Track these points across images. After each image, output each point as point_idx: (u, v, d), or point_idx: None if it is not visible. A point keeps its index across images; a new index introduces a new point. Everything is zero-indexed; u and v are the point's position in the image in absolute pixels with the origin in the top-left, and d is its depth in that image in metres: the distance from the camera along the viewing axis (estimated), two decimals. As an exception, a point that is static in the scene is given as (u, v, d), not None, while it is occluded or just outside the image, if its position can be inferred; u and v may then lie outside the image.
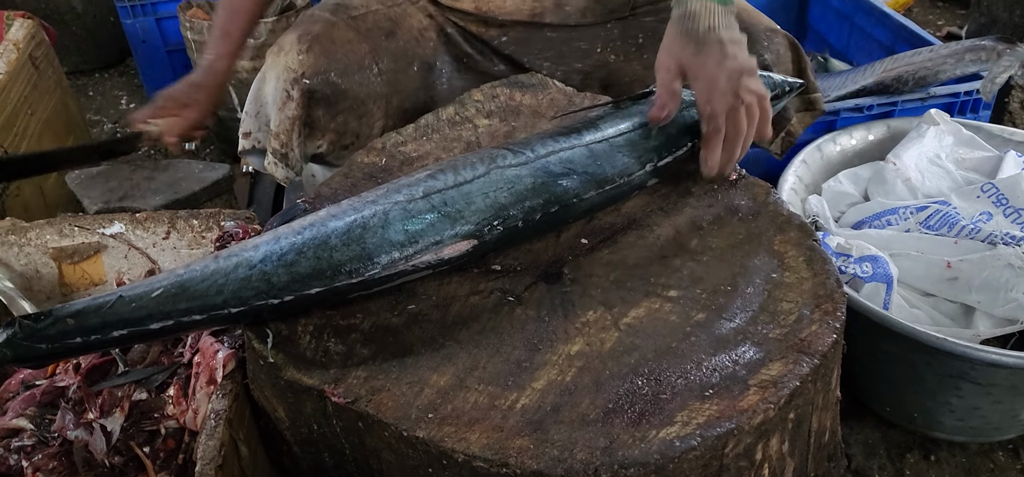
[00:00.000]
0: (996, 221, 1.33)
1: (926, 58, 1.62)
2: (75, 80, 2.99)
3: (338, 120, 1.26)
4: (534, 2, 1.38)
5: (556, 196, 0.94)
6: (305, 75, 1.23)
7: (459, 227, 0.88)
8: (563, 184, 0.94)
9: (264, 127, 1.31)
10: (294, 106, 1.23)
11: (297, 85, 1.23)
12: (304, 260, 0.84)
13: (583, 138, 1.00)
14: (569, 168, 0.96)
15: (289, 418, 0.89)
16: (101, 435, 0.98)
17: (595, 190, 0.96)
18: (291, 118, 1.24)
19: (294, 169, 1.27)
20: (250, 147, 1.34)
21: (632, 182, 1.00)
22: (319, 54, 1.25)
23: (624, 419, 0.76)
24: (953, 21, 3.13)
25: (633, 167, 1.00)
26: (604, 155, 0.99)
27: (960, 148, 1.53)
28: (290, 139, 1.24)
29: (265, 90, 1.29)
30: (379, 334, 0.87)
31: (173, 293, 0.81)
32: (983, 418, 1.30)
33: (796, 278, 0.91)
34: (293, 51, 1.25)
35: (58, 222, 1.27)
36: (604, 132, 1.01)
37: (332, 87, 1.24)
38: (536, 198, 0.93)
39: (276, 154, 1.26)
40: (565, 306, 0.89)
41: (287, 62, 1.24)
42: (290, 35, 1.28)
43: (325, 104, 1.25)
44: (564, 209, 0.94)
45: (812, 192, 1.53)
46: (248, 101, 1.32)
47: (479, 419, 0.77)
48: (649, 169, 1.01)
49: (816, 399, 0.85)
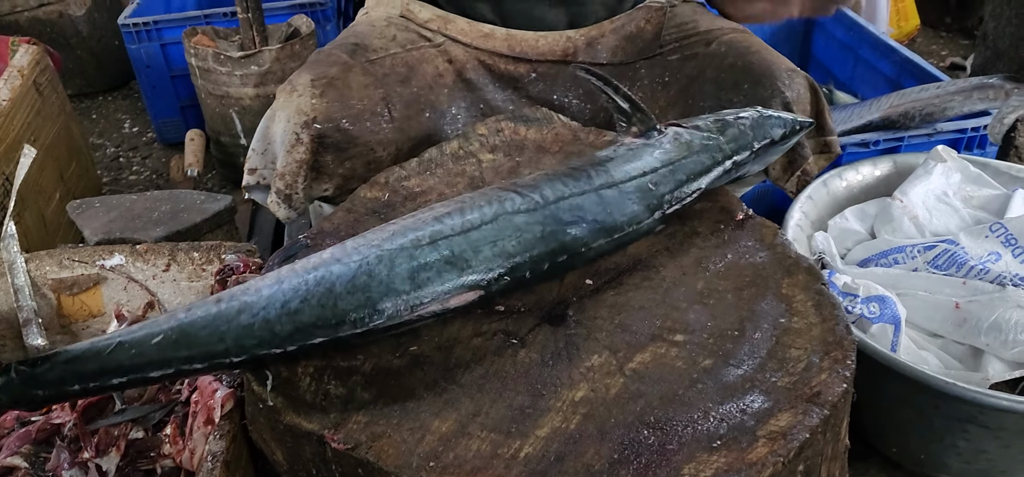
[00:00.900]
0: (1005, 261, 1.31)
1: (933, 94, 1.62)
2: (78, 103, 3.00)
3: (346, 166, 1.25)
4: (567, 42, 1.39)
5: (564, 245, 0.92)
6: (316, 120, 1.22)
7: (466, 277, 0.86)
8: (572, 233, 0.93)
9: (270, 164, 1.29)
10: (303, 150, 1.22)
11: (308, 129, 1.22)
12: (308, 308, 0.82)
13: (594, 182, 0.98)
14: (578, 216, 0.94)
15: (287, 462, 0.87)
16: (96, 474, 0.97)
17: (604, 238, 0.95)
18: (299, 161, 1.23)
19: (297, 210, 1.26)
20: (255, 183, 1.32)
21: (640, 229, 0.99)
22: (332, 100, 1.23)
23: (630, 471, 0.74)
24: (957, 51, 3.13)
25: (642, 215, 0.98)
26: (614, 202, 0.97)
27: (968, 185, 1.52)
28: (296, 182, 1.23)
29: (274, 129, 1.27)
30: (380, 377, 0.86)
31: (173, 339, 0.79)
32: (990, 461, 1.28)
33: (805, 323, 0.90)
34: (307, 95, 1.23)
35: (58, 253, 1.26)
36: (613, 175, 1.00)
37: (342, 133, 1.23)
38: (544, 246, 0.91)
39: (280, 194, 1.25)
40: (569, 350, 0.88)
41: (299, 104, 1.23)
42: (304, 75, 1.26)
43: (334, 150, 1.24)
44: (572, 257, 0.93)
45: (818, 228, 1.52)
46: (256, 138, 1.31)
47: (481, 468, 0.75)
48: (658, 216, 1.00)
49: (825, 450, 0.83)
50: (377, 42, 1.36)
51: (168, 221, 1.50)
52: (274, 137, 1.27)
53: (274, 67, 2.24)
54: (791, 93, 1.28)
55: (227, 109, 2.31)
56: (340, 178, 1.26)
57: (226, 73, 2.25)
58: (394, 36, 1.38)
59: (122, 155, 2.68)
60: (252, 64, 2.24)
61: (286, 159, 1.23)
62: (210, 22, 2.44)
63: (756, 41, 1.38)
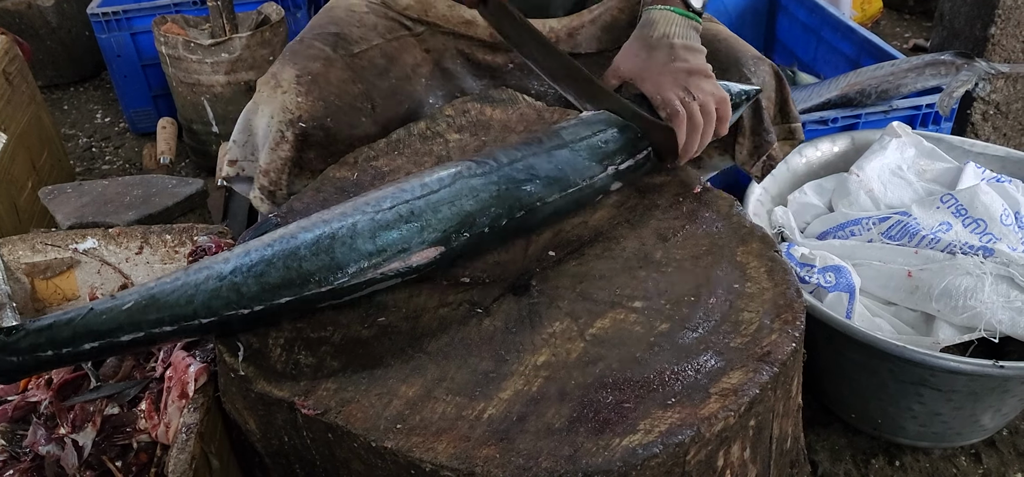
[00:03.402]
0: (955, 231, 1.36)
1: (888, 72, 1.66)
2: (50, 94, 2.99)
3: (328, 162, 1.25)
4: (549, 33, 1.40)
5: (520, 201, 0.97)
6: (302, 119, 1.22)
7: (426, 235, 0.91)
8: (527, 189, 0.97)
9: (251, 157, 1.29)
10: (288, 148, 1.22)
11: (293, 128, 1.22)
12: (274, 270, 0.85)
13: (545, 146, 1.03)
14: (532, 174, 0.99)
15: (260, 430, 0.90)
16: (73, 450, 0.99)
17: (558, 193, 1.00)
18: (283, 159, 1.23)
19: (279, 205, 1.27)
20: (235, 174, 1.31)
21: (594, 185, 1.04)
22: (317, 98, 1.24)
23: (588, 428, 0.77)
24: (920, 33, 3.19)
25: (594, 169, 1.03)
26: (565, 160, 1.02)
27: (921, 160, 1.57)
28: (280, 178, 1.23)
29: (257, 122, 1.27)
30: (349, 346, 0.89)
31: (143, 305, 0.82)
32: (945, 424, 1.33)
33: (757, 288, 0.94)
34: (292, 92, 1.23)
35: (30, 238, 1.27)
36: (564, 138, 1.05)
37: (325, 131, 1.23)
38: (501, 205, 0.95)
39: (264, 191, 1.24)
40: (532, 317, 0.91)
41: (285, 102, 1.23)
42: (289, 70, 1.26)
43: (318, 147, 1.24)
44: (529, 213, 0.98)
45: (778, 203, 1.56)
46: (237, 130, 1.30)
47: (447, 429, 0.78)
48: (611, 172, 1.05)
49: (777, 406, 0.87)
50: (357, 32, 1.35)
51: (140, 205, 1.51)
52: (256, 130, 1.27)
53: (245, 54, 2.25)
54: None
55: (199, 97, 2.31)
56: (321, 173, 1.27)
57: (197, 61, 2.26)
58: (375, 25, 1.37)
59: (95, 145, 2.68)
60: (223, 52, 2.24)
61: (270, 156, 1.23)
62: (180, 10, 2.44)
63: (723, 29, 1.42)
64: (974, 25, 1.98)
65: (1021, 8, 1.89)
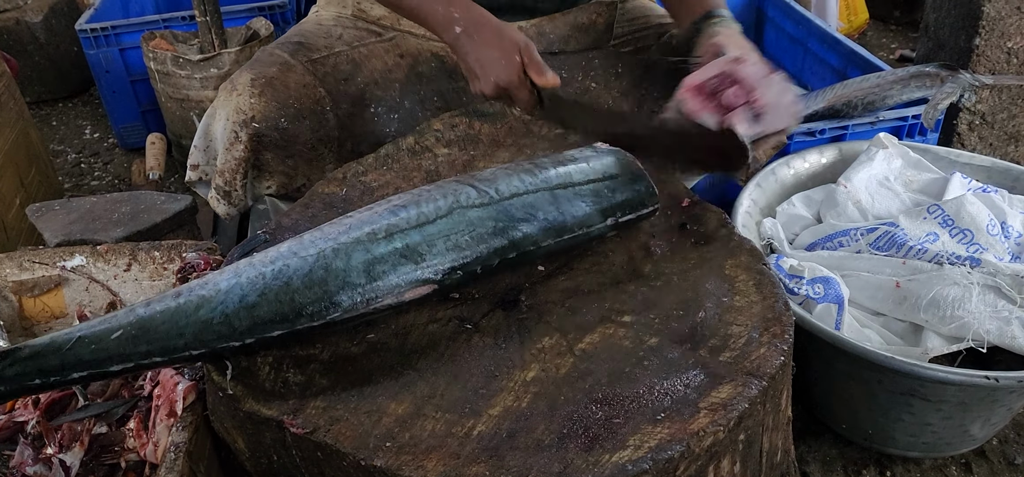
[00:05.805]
0: (942, 241, 1.37)
1: (874, 83, 1.67)
2: (38, 110, 2.98)
3: (288, 163, 1.27)
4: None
5: (514, 243, 0.94)
6: (255, 119, 1.24)
7: (420, 272, 0.89)
8: (523, 230, 0.95)
9: (211, 161, 1.32)
10: (242, 148, 1.24)
11: (246, 128, 1.24)
12: (265, 303, 0.84)
13: (550, 181, 1.00)
14: (530, 214, 0.96)
15: (249, 449, 0.89)
16: (61, 470, 0.98)
17: (553, 239, 0.97)
18: (237, 159, 1.25)
19: (237, 206, 1.28)
20: (197, 179, 1.35)
21: (591, 233, 1.00)
22: (270, 99, 1.26)
23: (578, 444, 0.77)
24: (906, 44, 3.21)
25: (595, 219, 1.00)
26: (567, 203, 0.99)
27: (908, 170, 1.57)
28: (234, 179, 1.25)
29: (215, 126, 1.30)
30: (338, 364, 0.88)
31: (133, 334, 0.81)
32: (935, 434, 1.33)
33: (746, 302, 0.94)
34: (246, 93, 1.25)
35: (18, 256, 1.26)
36: (572, 177, 1.02)
37: (281, 132, 1.25)
38: (495, 243, 0.93)
39: (219, 191, 1.27)
40: (521, 333, 0.91)
41: (238, 103, 1.25)
42: (245, 74, 1.28)
43: (274, 148, 1.26)
44: (521, 256, 0.95)
45: (767, 215, 1.57)
46: (198, 135, 1.33)
47: (436, 447, 0.78)
48: (610, 223, 1.02)
49: (766, 420, 0.87)
50: (322, 41, 1.37)
51: (128, 222, 1.51)
52: (215, 134, 1.30)
53: (233, 69, 2.24)
54: None
55: (187, 112, 2.31)
56: (283, 175, 1.28)
57: (185, 76, 2.26)
58: (340, 35, 1.40)
59: (83, 161, 2.67)
60: (211, 67, 2.24)
61: (225, 156, 1.25)
62: (168, 26, 2.44)
63: None
64: (959, 36, 1.99)
65: (1004, 19, 1.91)
